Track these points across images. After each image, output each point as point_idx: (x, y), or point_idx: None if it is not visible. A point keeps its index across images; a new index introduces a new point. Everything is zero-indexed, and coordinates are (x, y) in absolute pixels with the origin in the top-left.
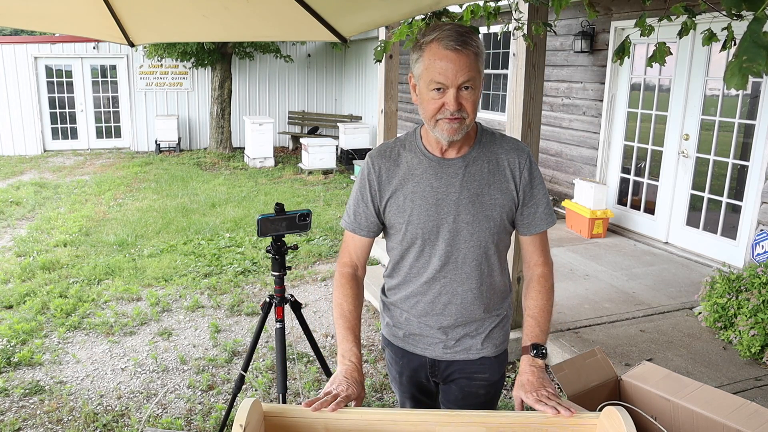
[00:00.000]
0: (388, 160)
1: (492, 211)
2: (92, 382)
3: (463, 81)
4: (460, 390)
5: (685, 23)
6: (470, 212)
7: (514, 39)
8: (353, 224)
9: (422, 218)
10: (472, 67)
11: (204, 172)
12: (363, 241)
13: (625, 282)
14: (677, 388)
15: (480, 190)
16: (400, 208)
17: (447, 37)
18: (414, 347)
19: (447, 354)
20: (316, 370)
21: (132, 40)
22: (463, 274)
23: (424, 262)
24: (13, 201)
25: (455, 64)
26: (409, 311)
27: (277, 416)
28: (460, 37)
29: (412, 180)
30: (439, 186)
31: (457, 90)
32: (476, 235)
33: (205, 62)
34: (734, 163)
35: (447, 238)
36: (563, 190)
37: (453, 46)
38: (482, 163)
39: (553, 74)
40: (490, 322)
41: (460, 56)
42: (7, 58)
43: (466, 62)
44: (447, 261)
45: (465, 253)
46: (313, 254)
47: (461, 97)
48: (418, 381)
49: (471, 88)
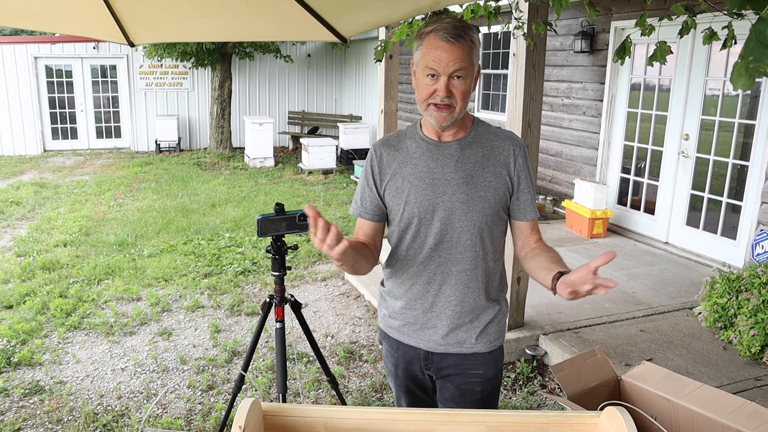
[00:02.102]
0: (390, 146)
1: (486, 192)
2: (92, 382)
3: (454, 70)
4: (456, 388)
5: (685, 22)
6: (464, 191)
7: (514, 39)
8: (360, 209)
9: (419, 197)
10: (464, 58)
11: (204, 172)
12: (370, 224)
13: (625, 282)
14: (677, 388)
15: (474, 172)
16: (399, 189)
17: (444, 29)
18: (409, 338)
19: (441, 346)
20: (316, 370)
21: (132, 40)
22: (457, 254)
23: (420, 242)
24: (13, 201)
25: (448, 53)
26: (405, 295)
27: (276, 415)
28: (455, 30)
29: (410, 162)
30: (435, 167)
31: (449, 78)
32: (470, 215)
33: (205, 62)
34: (734, 163)
35: (442, 217)
36: (563, 190)
37: (447, 37)
38: (477, 147)
39: (553, 74)
40: (486, 316)
41: (454, 47)
42: (7, 58)
43: (459, 53)
44: (442, 240)
45: (459, 232)
46: (313, 254)
47: (452, 85)
48: (413, 374)
49: (462, 77)
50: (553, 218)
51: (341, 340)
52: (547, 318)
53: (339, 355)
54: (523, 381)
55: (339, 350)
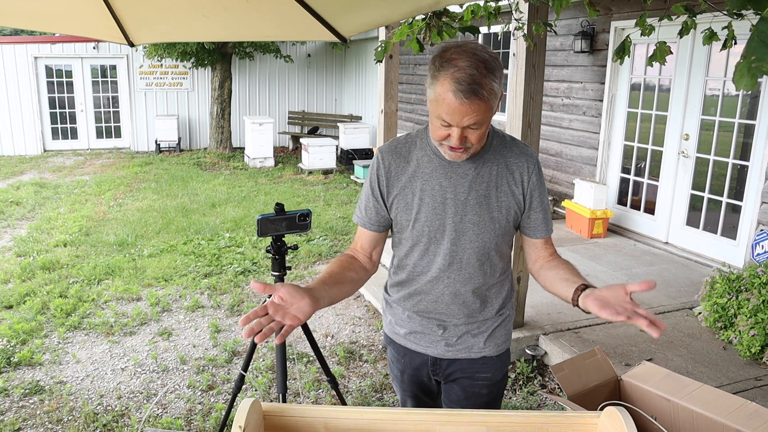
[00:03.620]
0: (398, 156)
1: (498, 213)
2: (92, 382)
3: (468, 124)
4: (463, 390)
5: (685, 23)
6: (477, 213)
7: (514, 39)
8: (363, 219)
9: (429, 216)
10: (479, 112)
11: (204, 172)
12: (372, 234)
13: (625, 282)
14: (677, 388)
15: (488, 192)
16: (408, 205)
17: (458, 81)
18: (416, 345)
19: (449, 352)
20: (316, 370)
21: (132, 40)
22: (466, 274)
23: (428, 261)
24: (13, 201)
25: (461, 111)
26: (412, 309)
27: (276, 415)
28: (470, 86)
29: (421, 178)
30: (448, 186)
31: (462, 129)
32: (481, 236)
33: (205, 62)
34: (734, 163)
35: (452, 238)
36: (563, 190)
37: (461, 96)
38: (492, 166)
39: (553, 74)
40: (493, 321)
41: (469, 105)
42: (7, 58)
43: (474, 109)
44: (452, 261)
45: (470, 253)
46: (313, 254)
47: (466, 132)
48: (419, 380)
49: (477, 128)
50: (553, 218)
51: (341, 340)
52: (547, 318)
53: (339, 355)
54: (523, 381)
55: (339, 350)
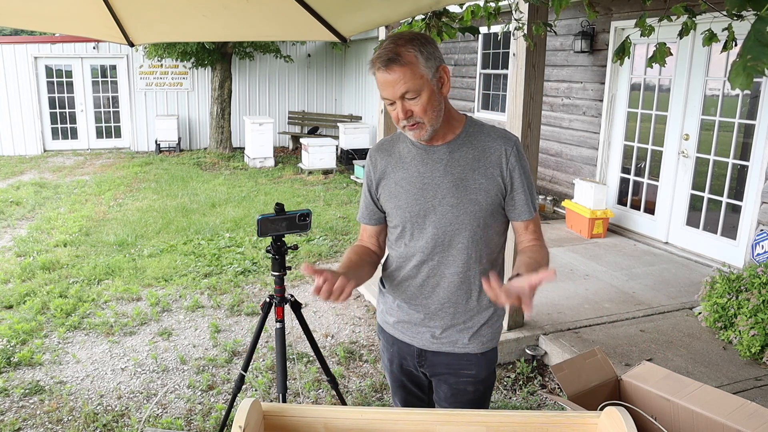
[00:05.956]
0: (384, 151)
1: (477, 195)
2: (92, 382)
3: (401, 93)
4: (449, 387)
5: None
6: (454, 195)
7: (514, 39)
8: (364, 216)
9: (410, 202)
10: (407, 79)
11: (204, 172)
12: (373, 228)
13: (625, 282)
14: (677, 388)
15: (464, 175)
16: (391, 193)
17: (378, 59)
18: (403, 335)
19: (434, 344)
20: (316, 370)
21: (132, 40)
22: (450, 257)
23: (414, 246)
24: (13, 201)
25: (388, 81)
26: (401, 296)
27: (276, 415)
28: (387, 56)
29: (402, 167)
30: (425, 171)
31: (402, 101)
32: (461, 218)
33: (205, 62)
34: (734, 163)
35: (434, 221)
36: (563, 190)
37: (383, 68)
38: (467, 149)
39: (553, 74)
40: (480, 318)
41: (392, 74)
42: (7, 58)
43: (399, 77)
44: (435, 244)
45: (452, 236)
46: (313, 254)
47: (407, 105)
48: (407, 370)
49: (414, 96)
50: (553, 218)
51: (341, 340)
52: (547, 318)
53: (339, 355)
54: (523, 381)
55: (339, 350)
